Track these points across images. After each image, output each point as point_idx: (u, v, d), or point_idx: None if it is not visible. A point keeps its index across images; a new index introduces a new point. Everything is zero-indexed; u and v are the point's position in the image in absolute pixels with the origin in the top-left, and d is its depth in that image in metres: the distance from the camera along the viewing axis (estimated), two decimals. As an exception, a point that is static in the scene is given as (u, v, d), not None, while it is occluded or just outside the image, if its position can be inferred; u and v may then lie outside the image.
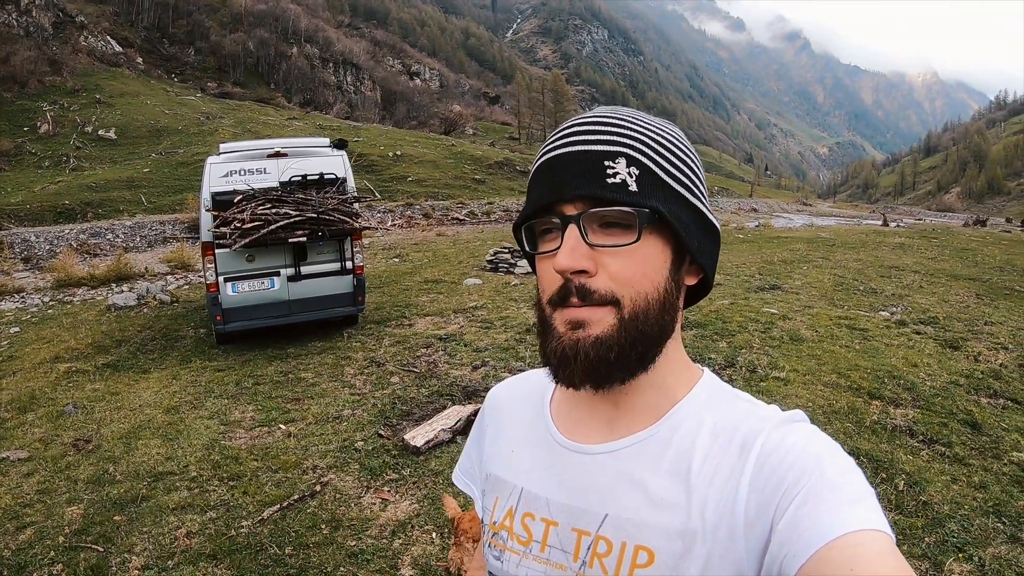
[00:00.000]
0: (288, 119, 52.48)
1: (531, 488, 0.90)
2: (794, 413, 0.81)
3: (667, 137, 0.82)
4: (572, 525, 0.83)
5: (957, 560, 3.39)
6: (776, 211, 54.00)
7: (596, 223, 0.77)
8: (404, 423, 5.56)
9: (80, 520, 4.13)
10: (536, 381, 1.01)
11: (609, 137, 0.78)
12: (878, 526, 0.65)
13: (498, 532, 0.92)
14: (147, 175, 31.21)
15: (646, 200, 0.76)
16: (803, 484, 0.69)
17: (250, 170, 8.09)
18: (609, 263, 0.77)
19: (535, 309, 0.86)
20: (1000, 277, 13.25)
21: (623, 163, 0.76)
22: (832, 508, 0.66)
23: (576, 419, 0.90)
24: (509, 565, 0.89)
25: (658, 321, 0.79)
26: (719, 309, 8.91)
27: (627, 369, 0.79)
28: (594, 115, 0.82)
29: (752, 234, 23.76)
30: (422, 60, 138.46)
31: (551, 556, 0.84)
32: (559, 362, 0.80)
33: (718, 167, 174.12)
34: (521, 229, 0.85)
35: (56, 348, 8.42)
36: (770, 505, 0.71)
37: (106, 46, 62.69)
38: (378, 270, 14.10)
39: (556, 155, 0.79)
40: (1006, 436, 4.92)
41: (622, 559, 0.78)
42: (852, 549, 0.62)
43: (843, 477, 0.69)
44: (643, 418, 0.84)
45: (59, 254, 17.33)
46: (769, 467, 0.73)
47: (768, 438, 0.76)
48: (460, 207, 33.20)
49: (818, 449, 0.73)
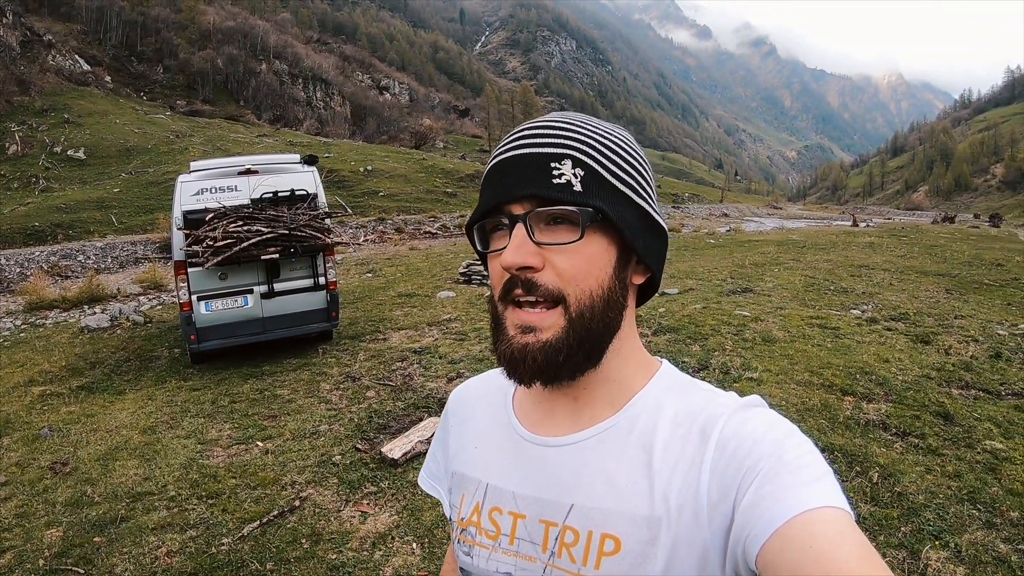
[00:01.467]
0: (258, 136, 52.26)
1: (497, 483, 0.92)
2: (752, 399, 0.84)
3: (614, 140, 0.84)
4: (539, 517, 0.85)
5: (934, 548, 3.43)
6: (747, 215, 54.39)
7: (543, 222, 0.80)
8: (381, 436, 5.54)
9: (60, 543, 4.07)
10: (498, 380, 1.02)
11: (556, 140, 0.80)
12: (836, 503, 0.66)
13: (466, 528, 0.93)
14: (117, 195, 30.91)
15: (590, 200, 0.78)
16: (762, 467, 0.71)
17: (221, 188, 8.05)
18: (556, 260, 0.79)
19: (488, 306, 0.89)
20: (969, 272, 13.48)
21: (568, 164, 0.79)
22: (790, 488, 0.67)
23: (539, 414, 0.92)
24: (479, 560, 0.90)
25: (603, 318, 0.81)
26: (691, 313, 8.97)
27: (575, 367, 0.81)
28: (545, 119, 0.85)
29: (723, 239, 23.93)
30: (391, 74, 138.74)
31: (520, 548, 0.86)
32: (508, 364, 0.83)
33: (688, 174, 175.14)
34: (473, 229, 0.87)
35: (30, 371, 8.30)
36: (731, 488, 0.72)
37: (74, 65, 62.22)
38: (351, 285, 14.04)
39: (506, 158, 0.82)
40: (979, 426, 5.00)
41: (589, 547, 0.79)
42: (811, 527, 0.64)
43: (801, 459, 0.71)
44: (604, 410, 0.86)
45: (30, 277, 17.09)
46: (729, 452, 0.75)
47: (727, 423, 0.78)
48: (432, 221, 33.13)
49: (776, 433, 0.75)
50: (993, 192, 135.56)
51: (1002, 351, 6.99)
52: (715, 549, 0.73)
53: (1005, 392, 5.81)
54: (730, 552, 0.71)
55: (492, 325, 0.87)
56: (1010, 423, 5.05)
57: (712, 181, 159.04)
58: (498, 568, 0.88)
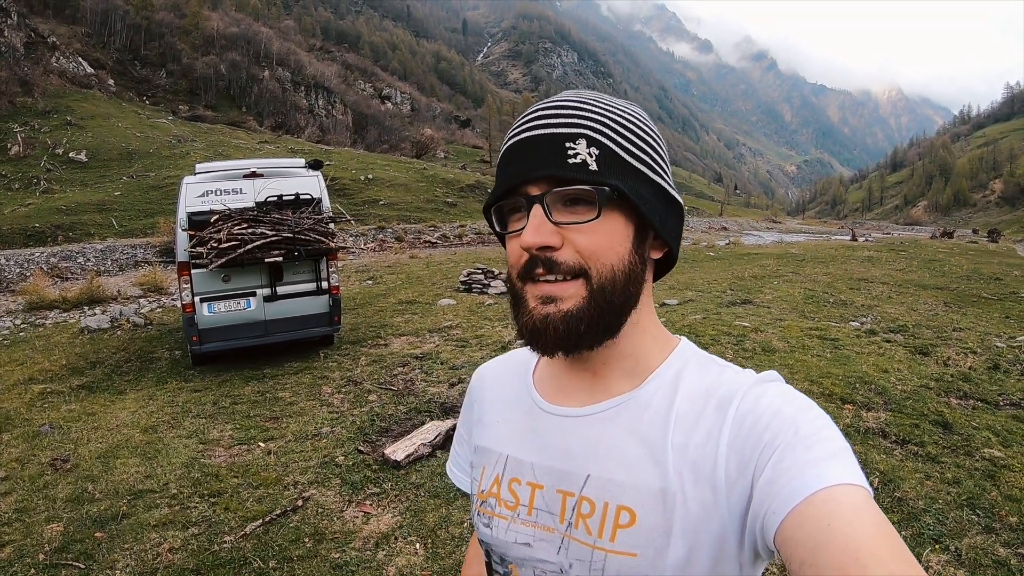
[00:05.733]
0: (260, 142, 52.26)
1: (516, 454, 0.93)
2: (768, 373, 0.85)
3: (627, 117, 0.85)
4: (556, 487, 0.87)
5: (934, 551, 3.46)
6: (746, 229, 54.48)
7: (560, 202, 0.81)
8: (383, 439, 5.56)
9: (60, 538, 4.08)
10: (519, 357, 1.05)
11: (570, 119, 0.82)
12: (854, 480, 0.66)
13: (486, 500, 0.95)
14: (118, 198, 30.85)
15: (605, 178, 0.79)
16: (779, 442, 0.71)
17: (226, 190, 8.08)
18: (575, 238, 0.80)
19: (507, 284, 0.90)
20: (968, 285, 13.53)
21: (583, 144, 0.80)
22: (808, 464, 0.67)
23: (558, 387, 0.94)
24: (498, 531, 0.92)
25: (623, 292, 0.82)
26: (692, 324, 9.00)
27: (595, 338, 0.83)
28: (558, 99, 0.86)
29: (723, 252, 23.98)
30: (393, 84, 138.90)
31: (538, 519, 0.87)
32: (531, 335, 0.84)
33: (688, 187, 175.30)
34: (491, 211, 0.89)
35: (30, 370, 8.31)
36: (749, 464, 0.73)
37: (78, 67, 62.22)
38: (352, 292, 14.05)
39: (521, 139, 0.83)
40: (977, 434, 5.03)
41: (605, 519, 0.81)
42: (829, 504, 0.63)
43: (818, 433, 0.71)
44: (622, 383, 0.88)
45: (30, 277, 17.06)
46: (747, 427, 0.75)
47: (744, 398, 0.79)
48: (432, 230, 33.13)
49: (793, 407, 0.75)
50: (992, 208, 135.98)
51: (1000, 363, 7.03)
52: (733, 525, 0.74)
53: (1003, 402, 5.84)
54: (748, 529, 0.72)
55: (511, 301, 0.89)
56: (1008, 432, 5.08)
57: (712, 195, 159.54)
58: (516, 539, 0.89)
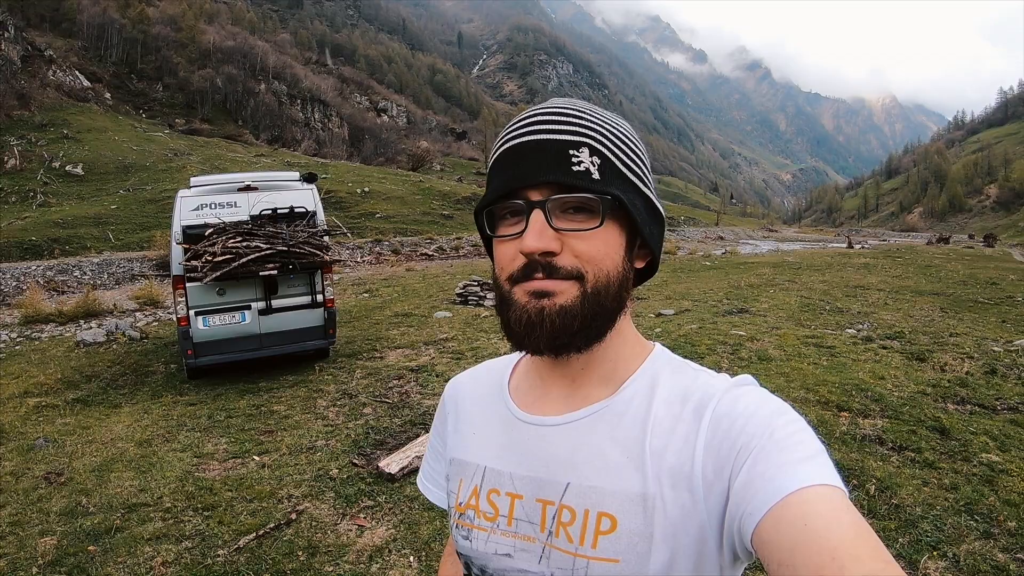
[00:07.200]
0: (256, 156, 52.43)
1: (494, 465, 0.92)
2: (743, 377, 0.86)
3: (621, 130, 0.86)
4: (536, 496, 0.86)
5: (932, 558, 3.44)
6: (742, 238, 54.65)
7: (559, 208, 0.80)
8: (378, 452, 5.53)
9: (54, 551, 4.05)
10: (493, 367, 1.04)
11: (571, 127, 0.81)
12: (830, 481, 0.66)
13: (464, 512, 0.94)
14: (114, 212, 30.90)
15: (608, 188, 0.80)
16: (755, 445, 0.72)
17: (221, 203, 8.08)
18: (574, 244, 0.80)
19: (493, 288, 0.89)
20: (964, 291, 13.56)
21: (586, 152, 0.80)
22: (783, 466, 0.68)
23: (534, 396, 0.93)
24: (477, 542, 0.90)
25: (616, 296, 0.83)
26: (688, 333, 9.00)
27: (586, 339, 0.82)
28: (553, 106, 0.86)
29: (719, 261, 24.04)
30: (389, 97, 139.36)
31: (519, 529, 0.87)
32: (525, 329, 0.82)
33: (684, 197, 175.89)
34: (483, 214, 0.88)
35: (25, 383, 8.28)
36: (726, 467, 0.73)
37: (75, 81, 62.44)
38: (348, 305, 14.06)
39: (519, 143, 0.82)
40: (975, 439, 5.02)
41: (586, 526, 0.80)
42: (804, 505, 0.64)
43: (793, 437, 0.72)
44: (599, 390, 0.88)
45: (26, 290, 17.07)
46: (723, 430, 0.76)
47: (720, 402, 0.79)
48: (428, 243, 33.21)
49: (767, 411, 0.76)
50: (987, 212, 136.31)
51: (997, 367, 7.03)
52: (712, 528, 0.74)
53: (1001, 407, 5.84)
54: (726, 531, 0.73)
55: (498, 303, 0.87)
56: (1006, 436, 5.07)
57: (707, 204, 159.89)
58: (497, 550, 0.88)
